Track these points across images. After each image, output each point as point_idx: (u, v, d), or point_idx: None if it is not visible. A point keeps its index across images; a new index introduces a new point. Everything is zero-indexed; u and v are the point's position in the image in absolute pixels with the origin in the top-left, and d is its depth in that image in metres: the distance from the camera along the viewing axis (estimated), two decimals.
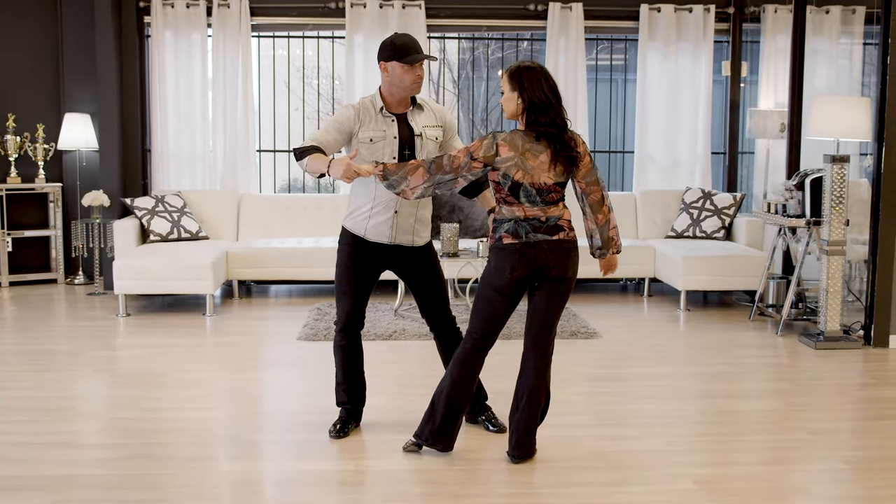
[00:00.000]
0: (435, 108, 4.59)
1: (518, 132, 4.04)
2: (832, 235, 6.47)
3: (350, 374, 4.64)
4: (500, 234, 4.08)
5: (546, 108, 3.98)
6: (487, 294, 4.13)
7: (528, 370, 4.21)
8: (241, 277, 8.15)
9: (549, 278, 4.09)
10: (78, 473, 4.15)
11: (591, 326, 7.03)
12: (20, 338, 6.76)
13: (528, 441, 4.23)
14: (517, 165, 3.99)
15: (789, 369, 6.08)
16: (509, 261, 4.05)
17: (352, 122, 4.39)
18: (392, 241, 4.48)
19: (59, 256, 8.87)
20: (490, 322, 4.15)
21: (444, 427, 4.24)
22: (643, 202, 8.83)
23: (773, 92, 8.90)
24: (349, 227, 4.53)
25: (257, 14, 8.71)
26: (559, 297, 4.15)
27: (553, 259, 4.06)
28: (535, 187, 4.02)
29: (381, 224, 4.45)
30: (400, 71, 4.33)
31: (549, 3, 8.70)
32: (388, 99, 4.44)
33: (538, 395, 4.20)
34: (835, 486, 4.11)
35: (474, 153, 4.01)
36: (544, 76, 4.01)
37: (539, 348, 4.20)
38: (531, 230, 4.05)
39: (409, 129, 4.44)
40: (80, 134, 8.62)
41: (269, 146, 9.65)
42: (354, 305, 4.53)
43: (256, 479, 4.15)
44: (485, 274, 4.15)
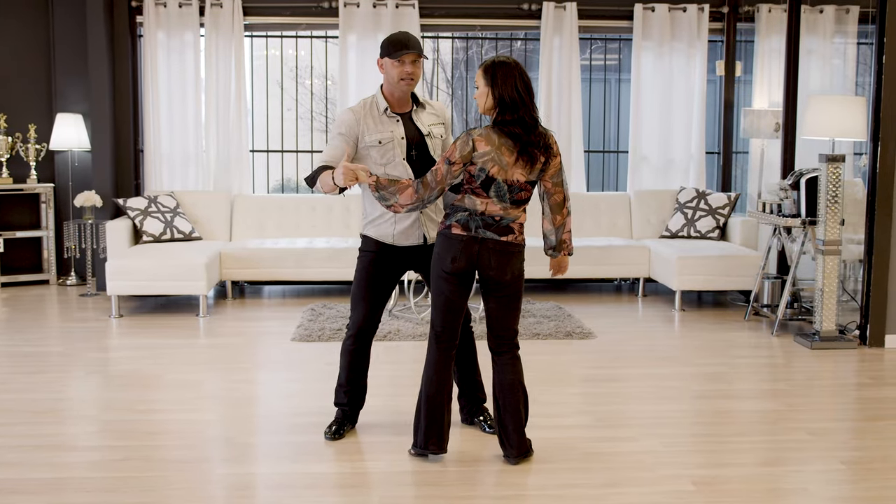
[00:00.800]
0: (437, 105, 4.57)
1: (491, 127, 4.03)
2: (827, 235, 6.46)
3: (354, 378, 4.61)
4: (451, 222, 4.09)
5: (515, 106, 3.97)
6: (435, 282, 4.16)
7: (501, 370, 4.23)
8: (235, 278, 8.11)
9: (488, 278, 4.11)
10: (71, 476, 4.12)
11: (586, 327, 7.01)
12: (12, 339, 6.71)
13: (519, 439, 4.21)
14: (493, 160, 3.98)
15: (785, 369, 6.07)
16: (452, 251, 4.07)
17: (354, 126, 4.34)
18: (426, 241, 4.44)
19: (51, 257, 8.83)
20: (448, 313, 4.16)
21: (431, 428, 4.21)
22: (637, 202, 8.81)
23: (768, 91, 8.89)
24: (373, 235, 4.46)
25: (250, 14, 8.67)
26: (507, 300, 4.18)
27: (494, 260, 4.07)
28: (508, 184, 4.02)
29: (410, 227, 4.41)
30: (391, 67, 4.31)
31: (543, 3, 8.67)
32: (389, 99, 4.40)
33: (516, 391, 4.20)
34: (833, 486, 4.09)
35: (451, 157, 4.00)
36: (518, 72, 4.00)
37: (502, 349, 4.23)
38: (482, 226, 4.05)
39: (416, 129, 4.41)
40: (72, 134, 8.58)
41: (262, 146, 9.61)
42: (370, 312, 4.49)
43: (251, 481, 4.12)
44: (433, 262, 4.18)
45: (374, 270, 4.47)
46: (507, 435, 4.21)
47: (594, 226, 8.77)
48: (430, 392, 4.20)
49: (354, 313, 4.53)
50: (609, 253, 8.22)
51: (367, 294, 4.48)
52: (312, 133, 9.96)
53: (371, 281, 4.48)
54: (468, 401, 4.72)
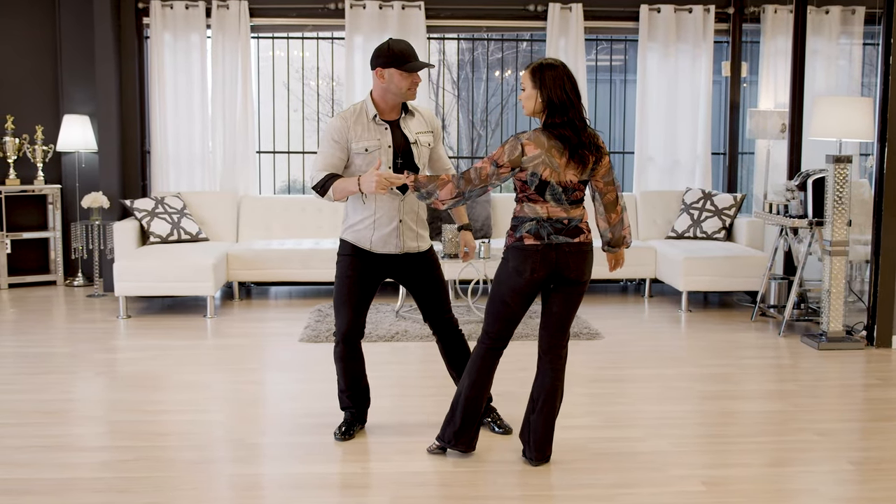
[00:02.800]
0: (424, 113, 4.54)
1: (540, 130, 4.01)
2: (834, 236, 6.46)
3: (352, 382, 4.61)
4: (522, 233, 4.04)
5: (565, 108, 3.94)
6: (503, 294, 4.10)
7: (545, 372, 4.20)
8: (241, 279, 8.12)
9: (565, 280, 4.08)
10: (81, 477, 4.12)
11: (593, 327, 7.02)
12: (20, 340, 6.73)
13: (546, 444, 4.21)
14: (544, 163, 3.95)
15: (792, 370, 6.07)
16: (530, 262, 4.02)
17: (344, 133, 4.33)
18: (401, 250, 4.45)
19: (59, 258, 8.84)
20: (506, 322, 4.13)
21: (465, 428, 4.23)
22: (643, 203, 8.82)
23: (773, 92, 8.89)
24: (351, 240, 4.47)
25: (256, 15, 8.69)
26: (575, 299, 4.15)
27: (573, 262, 4.04)
28: (562, 185, 3.99)
29: (388, 235, 4.41)
30: (398, 78, 4.28)
31: (549, 4, 8.69)
32: (381, 105, 4.37)
33: (555, 396, 4.19)
34: (842, 487, 4.09)
35: (499, 160, 3.97)
36: (566, 74, 3.97)
37: (555, 350, 4.19)
38: (553, 232, 4.02)
39: (403, 137, 4.40)
40: (79, 135, 8.60)
41: (269, 147, 9.63)
42: (354, 316, 4.47)
43: (260, 482, 4.13)
44: (501, 274, 4.11)
45: (354, 274, 4.46)
46: (536, 438, 4.20)
47: None
48: (470, 394, 4.20)
49: (338, 319, 4.50)
50: None
51: (349, 298, 4.46)
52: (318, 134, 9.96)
53: (352, 285, 4.46)
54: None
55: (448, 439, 4.27)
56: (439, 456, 4.32)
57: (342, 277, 4.48)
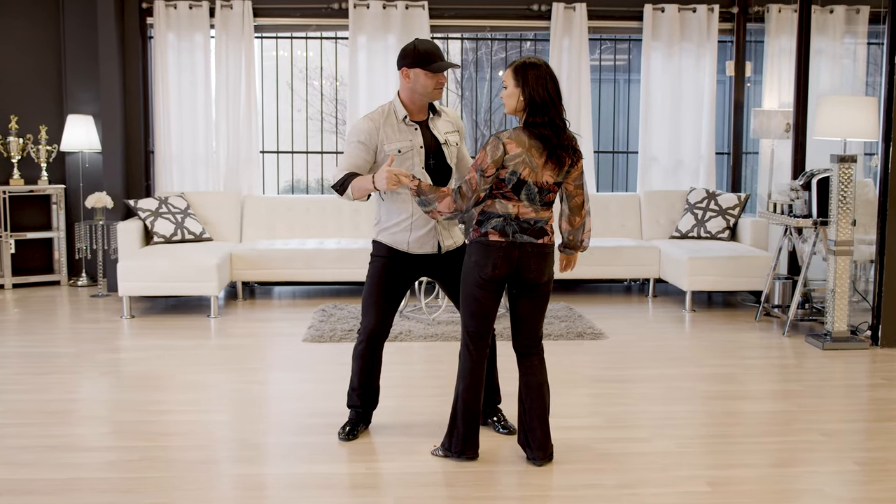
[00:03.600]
0: (450, 113, 4.55)
1: (520, 129, 4.01)
2: (839, 235, 6.44)
3: (366, 382, 4.60)
4: (487, 229, 4.06)
5: (546, 108, 3.95)
6: (471, 290, 4.12)
7: (527, 373, 4.23)
8: (245, 279, 8.12)
9: (525, 281, 4.10)
10: (85, 477, 4.12)
11: (597, 327, 7.01)
12: (23, 340, 6.73)
13: (546, 441, 4.21)
14: (525, 162, 3.96)
15: (796, 370, 6.06)
16: (492, 258, 4.04)
17: (374, 135, 4.33)
18: (441, 250, 4.45)
19: (63, 258, 8.85)
20: (482, 318, 4.14)
21: (469, 434, 4.22)
22: (647, 203, 8.81)
23: (777, 92, 8.88)
24: (387, 242, 4.45)
25: (260, 15, 8.69)
26: (539, 302, 4.18)
27: (534, 263, 4.07)
28: (538, 186, 4.01)
29: (425, 236, 4.41)
30: (424, 78, 4.29)
31: (553, 4, 8.68)
32: (409, 107, 4.38)
33: (542, 394, 4.21)
34: (847, 487, 4.08)
35: (482, 164, 3.97)
36: (548, 74, 3.98)
37: (532, 350, 4.23)
38: (518, 230, 4.04)
39: (433, 137, 4.40)
40: (82, 135, 8.60)
41: (273, 147, 9.62)
42: (382, 317, 4.48)
43: (264, 482, 4.12)
44: (465, 270, 4.14)
45: (387, 275, 4.46)
46: (534, 437, 4.20)
47: (604, 227, 8.76)
48: (467, 398, 4.19)
49: (366, 318, 4.51)
50: (619, 253, 8.22)
51: (379, 299, 4.47)
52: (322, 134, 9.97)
53: (384, 286, 4.47)
54: (484, 402, 4.72)
55: (455, 450, 4.24)
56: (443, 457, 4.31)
57: (374, 277, 4.48)
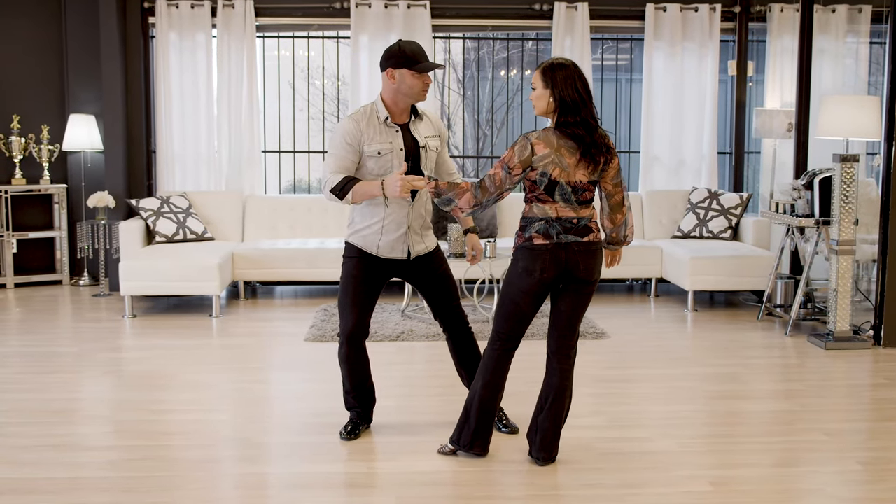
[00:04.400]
0: (432, 117, 4.55)
1: (550, 129, 3.99)
2: (841, 235, 6.44)
3: (357, 383, 4.60)
4: (531, 233, 4.02)
5: (577, 107, 3.93)
6: (514, 295, 4.08)
7: (554, 372, 4.19)
8: (247, 278, 8.12)
9: (575, 279, 4.06)
10: (87, 476, 4.12)
11: (599, 327, 7.01)
12: (25, 339, 6.74)
13: (553, 443, 4.19)
14: (554, 162, 3.93)
15: (799, 370, 6.05)
16: (540, 262, 4.00)
17: (357, 136, 4.32)
18: (410, 255, 4.45)
19: (64, 258, 8.85)
20: (517, 322, 4.11)
21: (480, 431, 4.21)
22: (649, 202, 8.80)
23: (780, 91, 8.87)
24: (357, 244, 4.45)
25: (262, 14, 8.69)
26: (584, 298, 4.13)
27: (582, 261, 4.03)
28: (571, 185, 3.98)
29: (395, 241, 4.41)
30: (410, 78, 4.28)
31: (555, 3, 8.67)
32: (391, 108, 4.37)
33: (563, 396, 4.17)
34: (850, 487, 4.08)
35: (510, 162, 3.95)
36: (577, 74, 3.96)
37: (563, 349, 4.18)
38: (562, 231, 4.00)
39: (413, 140, 4.40)
40: (84, 135, 8.60)
41: (274, 147, 9.63)
42: (359, 317, 4.46)
43: (266, 481, 4.12)
44: (511, 275, 4.09)
45: (360, 275, 4.45)
46: (544, 437, 4.18)
47: None
48: (485, 395, 4.18)
49: (343, 320, 4.48)
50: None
51: (355, 298, 4.45)
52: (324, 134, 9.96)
53: (358, 286, 4.45)
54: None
55: (463, 443, 4.24)
56: (445, 456, 4.31)
57: (348, 277, 4.47)
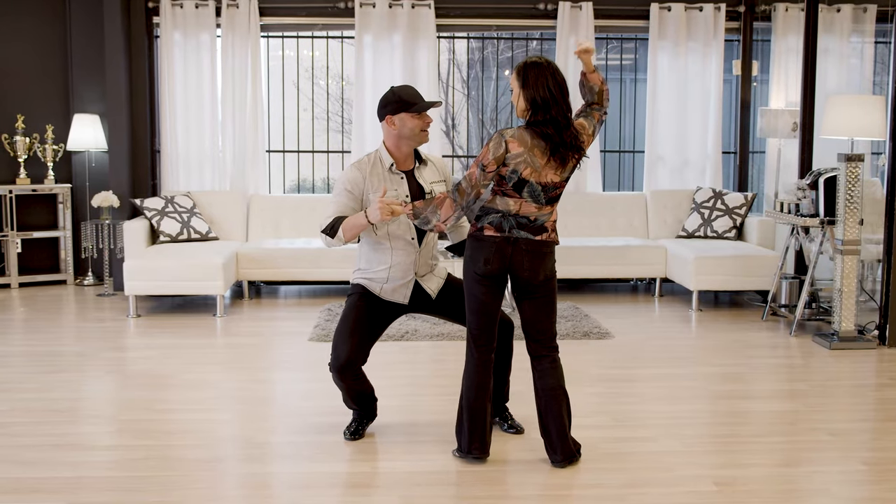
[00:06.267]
0: (437, 161, 4.56)
1: (524, 128, 4.00)
2: (846, 235, 6.43)
3: (357, 396, 4.55)
4: (484, 224, 4.04)
5: (548, 106, 3.92)
6: (470, 286, 4.10)
7: (542, 374, 4.19)
8: (251, 278, 8.13)
9: (521, 280, 4.07)
10: (91, 475, 4.13)
11: (603, 327, 7.00)
12: (30, 339, 6.74)
13: (564, 443, 4.18)
14: (526, 162, 3.94)
15: (804, 370, 6.04)
16: (484, 252, 4.02)
17: (360, 184, 4.32)
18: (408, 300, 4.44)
19: (69, 257, 8.86)
20: (483, 315, 4.11)
21: (473, 433, 4.20)
22: (653, 202, 8.79)
23: (784, 91, 8.86)
24: (362, 283, 4.46)
25: (266, 14, 8.69)
26: (542, 301, 4.14)
27: (527, 261, 4.03)
28: (542, 185, 3.99)
29: (399, 287, 4.42)
30: (410, 121, 4.28)
31: (559, 3, 8.67)
32: (395, 154, 4.37)
33: (558, 396, 4.17)
34: (855, 487, 4.07)
35: (484, 160, 3.95)
36: (551, 72, 3.95)
37: (542, 352, 4.19)
38: (516, 226, 4.01)
39: (419, 187, 4.40)
40: (89, 135, 8.61)
41: (279, 147, 9.63)
42: (359, 346, 4.35)
43: (270, 481, 4.12)
44: (464, 266, 4.12)
45: (365, 306, 4.42)
46: (551, 440, 4.18)
47: (610, 226, 8.75)
48: (470, 398, 4.17)
49: (340, 348, 4.34)
50: (625, 253, 8.21)
51: (355, 328, 4.36)
52: (328, 133, 9.96)
53: (361, 315, 4.40)
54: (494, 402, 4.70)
55: (464, 448, 4.24)
56: (448, 456, 4.31)
57: (351, 307, 4.42)
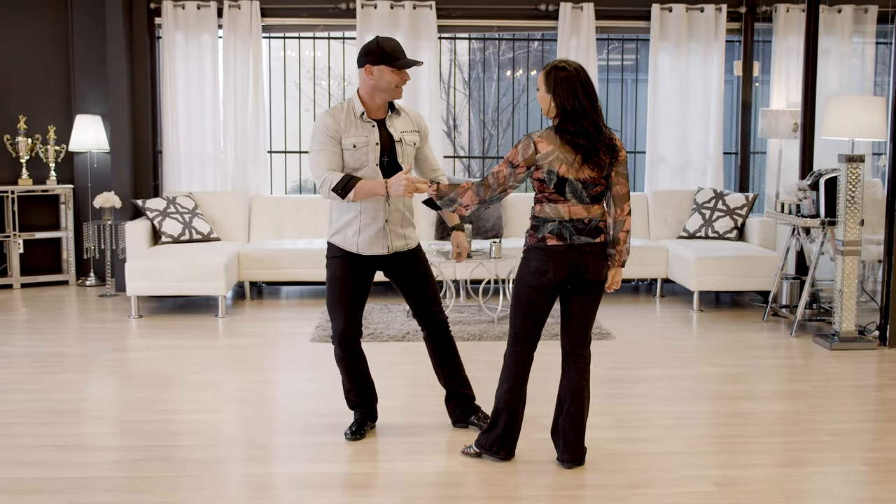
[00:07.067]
0: (412, 113, 4.57)
1: (553, 129, 3.98)
2: (847, 235, 6.43)
3: (356, 381, 4.62)
4: (544, 234, 4.01)
5: (578, 116, 3.91)
6: (527, 294, 4.08)
7: (570, 373, 4.19)
8: (253, 279, 8.14)
9: (584, 281, 4.07)
10: (94, 476, 4.14)
11: (604, 327, 7.01)
12: (32, 340, 6.76)
13: (577, 445, 4.19)
14: (559, 159, 3.92)
15: (804, 370, 6.05)
16: (553, 262, 4.00)
17: (336, 129, 4.35)
18: (389, 250, 4.46)
19: (71, 258, 8.87)
20: (534, 321, 4.12)
21: (507, 434, 4.22)
22: (655, 202, 8.80)
23: (785, 92, 8.86)
24: (338, 244, 4.48)
25: (268, 15, 8.70)
26: (594, 298, 4.14)
27: (593, 262, 4.04)
28: (581, 182, 3.97)
29: (374, 236, 4.43)
30: (389, 75, 4.30)
31: (560, 4, 8.67)
32: (368, 103, 4.40)
33: (582, 397, 4.18)
34: (856, 488, 4.08)
35: (514, 160, 3.95)
36: (580, 80, 3.92)
37: (578, 350, 4.19)
38: (575, 232, 4.00)
39: (389, 136, 4.42)
40: (91, 135, 8.62)
41: (280, 147, 9.64)
42: (350, 317, 4.47)
43: (272, 481, 4.13)
44: (523, 274, 4.09)
45: (345, 275, 4.46)
46: (567, 440, 4.19)
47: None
48: (511, 400, 4.18)
49: (335, 321, 4.50)
50: None
51: (342, 298, 4.46)
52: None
53: (343, 286, 4.46)
54: (458, 401, 4.73)
55: (490, 446, 4.24)
56: (449, 456, 4.32)
57: (333, 279, 4.49)
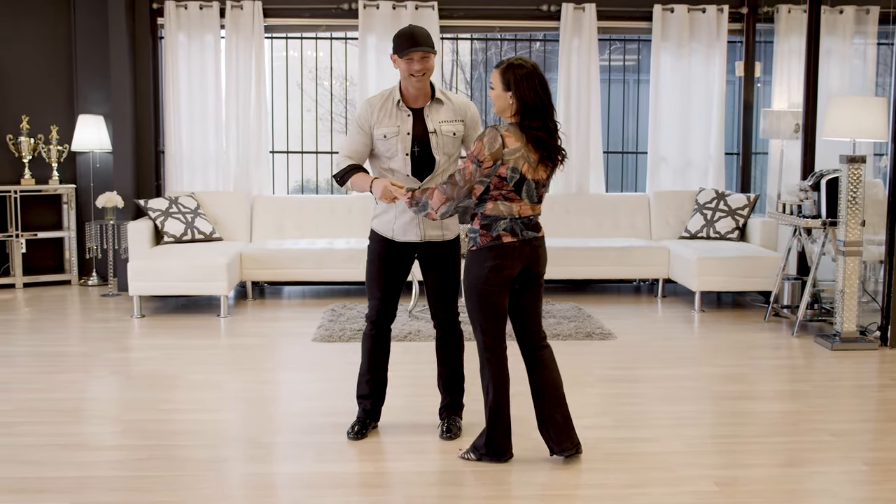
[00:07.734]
0: (458, 101, 4.48)
1: (516, 126, 3.99)
2: (848, 236, 6.43)
3: (375, 366, 4.63)
4: (498, 231, 4.03)
5: (538, 111, 3.94)
6: (487, 295, 4.09)
7: (538, 364, 4.23)
8: (255, 279, 8.15)
9: (530, 275, 4.15)
10: (96, 475, 4.15)
11: (606, 327, 7.02)
12: (34, 339, 6.77)
13: (570, 431, 4.22)
14: (524, 157, 3.96)
15: (806, 370, 6.05)
16: (509, 259, 4.05)
17: (370, 119, 4.38)
18: (422, 238, 4.48)
19: (73, 258, 8.89)
20: (500, 321, 4.15)
21: (503, 437, 4.24)
22: (656, 203, 8.80)
23: (787, 92, 8.86)
24: (377, 229, 4.54)
25: (270, 15, 8.71)
26: (540, 291, 4.26)
27: (540, 256, 4.16)
28: (535, 182, 4.03)
29: (408, 223, 4.45)
30: (401, 64, 4.30)
31: (562, 4, 8.68)
32: (403, 92, 4.39)
33: (557, 384, 4.23)
34: (856, 488, 4.08)
35: (479, 156, 3.94)
36: (538, 76, 3.96)
37: (541, 343, 4.26)
38: (524, 228, 4.07)
39: (423, 126, 4.38)
40: (93, 135, 8.64)
41: (282, 147, 9.65)
42: (385, 298, 4.54)
43: (274, 481, 4.14)
44: (477, 276, 4.07)
45: (382, 258, 4.52)
46: (557, 428, 4.20)
47: (613, 227, 8.76)
48: (502, 401, 4.20)
49: (372, 300, 4.58)
50: (628, 254, 8.22)
51: (378, 279, 4.53)
52: (332, 134, 9.99)
53: (381, 266, 4.52)
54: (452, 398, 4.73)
55: (489, 451, 4.25)
56: (451, 456, 4.33)
57: (372, 261, 4.55)
